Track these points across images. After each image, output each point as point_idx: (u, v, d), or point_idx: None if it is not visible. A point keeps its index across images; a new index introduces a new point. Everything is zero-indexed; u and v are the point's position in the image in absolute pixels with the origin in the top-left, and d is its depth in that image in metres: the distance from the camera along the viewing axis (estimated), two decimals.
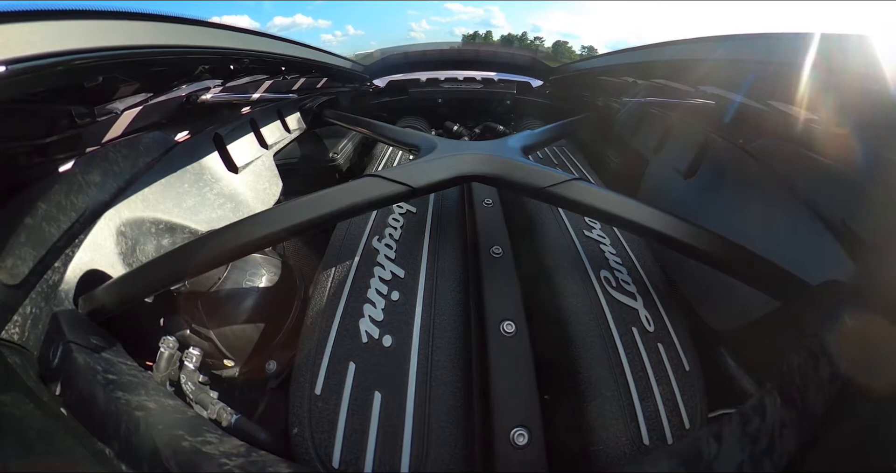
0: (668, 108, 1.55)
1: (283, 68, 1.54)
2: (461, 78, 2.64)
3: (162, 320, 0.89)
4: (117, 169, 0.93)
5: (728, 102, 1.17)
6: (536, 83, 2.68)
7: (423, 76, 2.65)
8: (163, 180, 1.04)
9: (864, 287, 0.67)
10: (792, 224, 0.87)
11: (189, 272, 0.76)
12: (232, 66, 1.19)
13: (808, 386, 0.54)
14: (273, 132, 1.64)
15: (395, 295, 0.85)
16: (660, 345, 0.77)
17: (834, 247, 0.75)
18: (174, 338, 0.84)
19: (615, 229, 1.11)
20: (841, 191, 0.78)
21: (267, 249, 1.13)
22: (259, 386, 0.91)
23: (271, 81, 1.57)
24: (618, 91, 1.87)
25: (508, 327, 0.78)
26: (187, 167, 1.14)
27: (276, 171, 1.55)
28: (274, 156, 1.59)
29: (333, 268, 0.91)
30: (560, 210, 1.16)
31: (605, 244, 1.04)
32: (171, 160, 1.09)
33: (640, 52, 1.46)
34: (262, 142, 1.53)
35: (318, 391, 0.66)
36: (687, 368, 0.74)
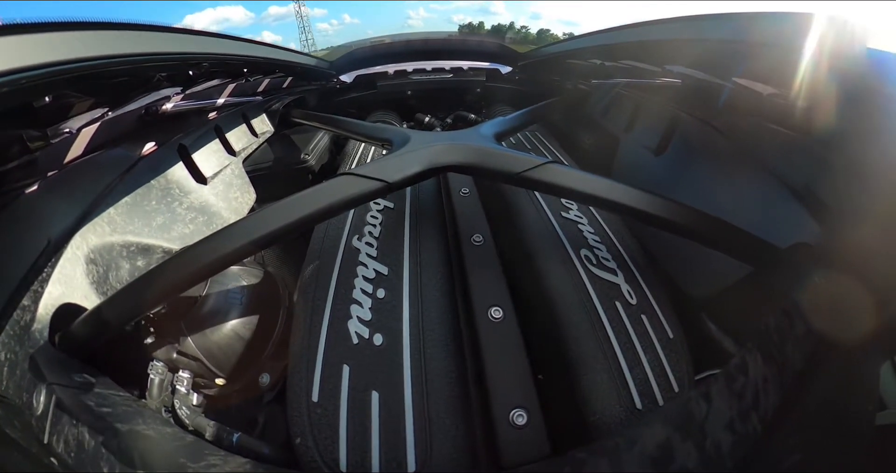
0: (637, 89, 1.58)
1: (246, 70, 1.49)
2: (430, 68, 2.61)
3: (147, 346, 0.86)
4: (79, 192, 0.88)
5: (694, 81, 1.21)
6: (506, 69, 2.68)
7: (390, 69, 2.60)
8: (128, 199, 1.00)
9: (829, 248, 0.71)
10: (759, 193, 0.91)
11: (167, 293, 0.74)
12: (191, 72, 1.14)
13: (786, 343, 0.57)
14: (240, 138, 1.58)
15: (380, 293, 0.85)
16: (643, 316, 0.80)
17: (800, 213, 0.79)
18: (162, 364, 0.81)
19: (591, 209, 1.13)
20: (804, 160, 0.82)
21: (246, 259, 1.11)
22: (255, 401, 0.89)
23: (234, 85, 1.51)
24: (586, 74, 1.89)
25: (496, 313, 0.79)
26: (153, 182, 1.10)
27: (247, 179, 1.50)
28: (243, 162, 1.54)
29: (316, 272, 0.90)
30: (537, 193, 1.17)
31: (582, 224, 1.06)
32: (135, 177, 1.04)
33: (607, 34, 1.48)
34: (230, 149, 1.48)
35: (315, 398, 0.65)
36: (671, 335, 0.77)
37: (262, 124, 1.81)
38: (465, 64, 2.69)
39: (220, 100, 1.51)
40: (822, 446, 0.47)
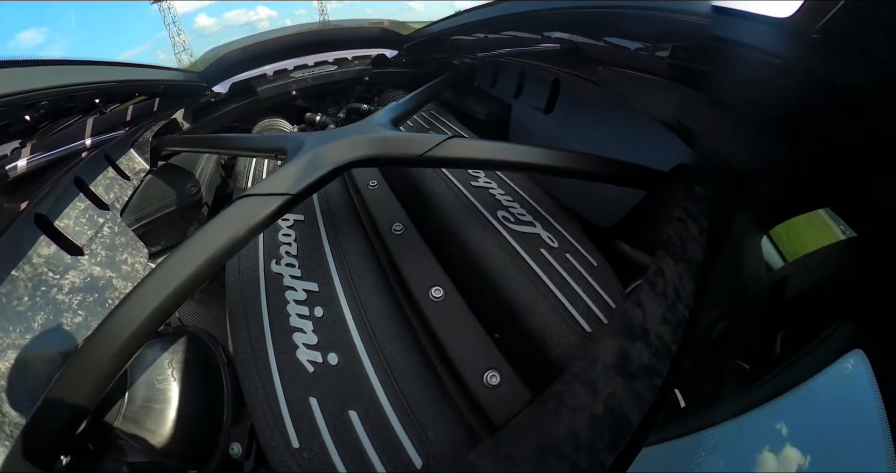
0: (520, 56, 1.68)
1: (98, 101, 1.22)
2: (312, 63, 2.40)
3: (98, 466, 0.68)
4: None
5: (571, 44, 1.33)
6: (392, 53, 2.62)
7: (269, 70, 2.33)
8: None
9: (701, 163, 0.84)
10: (639, 131, 1.04)
11: (85, 403, 0.58)
12: (27, 117, 0.90)
13: (687, 243, 0.66)
14: (109, 186, 1.29)
15: (318, 312, 0.80)
16: (567, 255, 0.86)
17: (675, 141, 0.92)
18: None
19: (497, 172, 1.18)
20: (670, 99, 0.96)
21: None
22: None
23: (88, 122, 1.23)
24: (472, 48, 1.95)
25: (437, 292, 0.79)
26: (15, 273, 0.86)
27: (131, 233, 1.24)
28: (121, 214, 1.26)
29: (243, 313, 0.82)
30: (444, 170, 1.18)
31: (493, 188, 1.10)
32: None
33: (486, 9, 1.55)
34: (100, 204, 1.19)
35: (296, 444, 0.61)
36: (595, 264, 0.84)
37: (132, 163, 1.50)
38: (349, 53, 2.55)
39: (75, 145, 1.20)
40: (735, 311, 0.54)
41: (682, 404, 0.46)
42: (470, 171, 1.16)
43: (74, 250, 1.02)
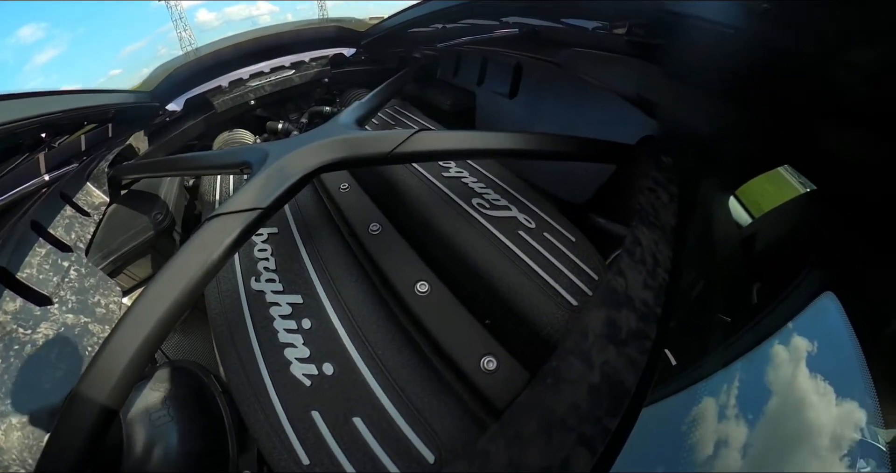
0: (480, 44, 1.68)
1: (44, 135, 1.14)
2: (268, 69, 2.30)
3: None
4: None
5: (529, 27, 1.34)
6: (350, 52, 2.56)
7: (224, 81, 2.21)
8: None
9: (666, 134, 0.87)
10: (604, 108, 1.06)
11: (82, 460, 0.54)
12: None
13: (659, 211, 0.68)
14: (69, 226, 1.19)
15: (306, 323, 0.79)
16: (545, 234, 0.87)
17: (638, 115, 0.95)
18: None
19: (468, 161, 1.18)
20: (631, 74, 0.97)
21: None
22: None
23: (37, 159, 1.14)
24: (431, 39, 1.94)
25: (422, 287, 0.79)
26: None
27: (101, 273, 1.15)
28: (86, 254, 1.17)
29: (229, 338, 0.80)
30: (414, 164, 1.17)
31: (465, 177, 1.10)
32: None
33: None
34: (62, 246, 1.11)
35: (306, 461, 0.60)
36: (573, 239, 0.85)
37: (90, 197, 1.39)
38: (306, 55, 2.47)
39: (26, 187, 1.11)
40: (712, 269, 0.56)
41: (674, 362, 0.47)
42: (440, 163, 1.15)
43: (42, 300, 0.95)
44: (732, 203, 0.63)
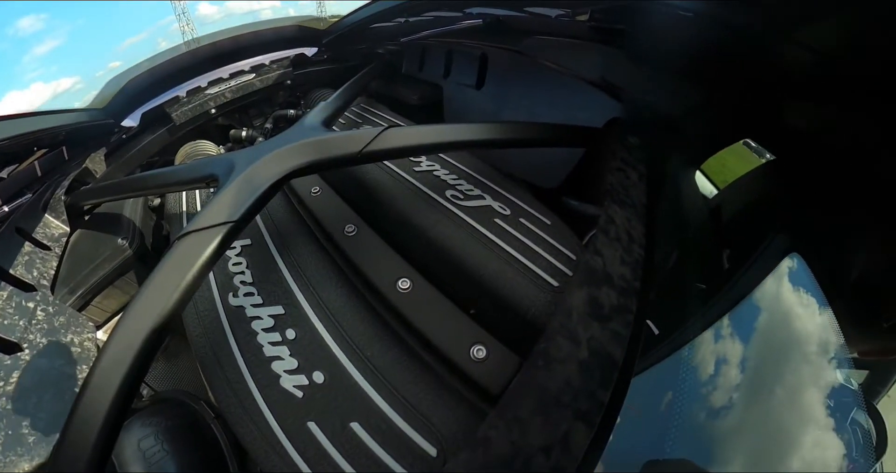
0: (444, 36, 1.67)
1: None
2: (227, 75, 2.19)
3: None
4: None
5: (493, 17, 1.34)
6: (312, 51, 2.48)
7: (181, 91, 2.08)
8: None
9: (631, 115, 0.89)
10: (570, 93, 1.07)
11: None
12: None
13: (629, 189, 0.70)
14: (29, 263, 1.11)
15: (290, 334, 0.77)
16: (521, 219, 0.88)
17: (604, 98, 0.97)
18: None
19: (439, 154, 1.18)
20: (595, 59, 1.00)
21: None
22: None
23: None
24: (394, 34, 1.91)
25: (403, 284, 0.78)
26: None
27: (70, 310, 1.08)
28: (52, 291, 1.10)
29: (213, 359, 0.77)
30: (385, 161, 1.15)
31: (436, 170, 1.10)
32: None
33: None
34: (23, 286, 1.04)
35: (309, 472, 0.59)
36: (549, 223, 0.87)
37: (49, 229, 1.29)
38: (266, 58, 2.38)
39: None
40: (684, 240, 0.58)
41: (656, 332, 0.49)
42: (411, 158, 1.14)
43: (10, 348, 0.89)
44: (699, 176, 0.65)
